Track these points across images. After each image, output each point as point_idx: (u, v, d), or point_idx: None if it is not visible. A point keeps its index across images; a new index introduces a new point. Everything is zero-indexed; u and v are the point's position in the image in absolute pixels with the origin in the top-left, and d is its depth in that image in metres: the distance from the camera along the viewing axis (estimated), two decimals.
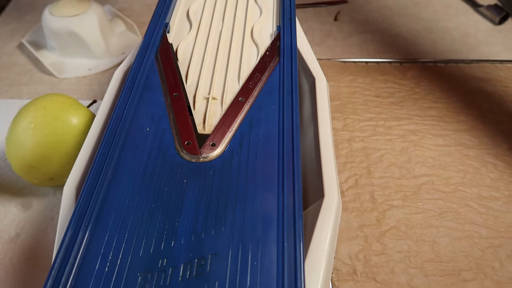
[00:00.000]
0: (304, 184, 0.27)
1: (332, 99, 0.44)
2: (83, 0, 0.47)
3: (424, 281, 0.30)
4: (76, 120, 0.31)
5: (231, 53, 0.33)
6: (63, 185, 0.25)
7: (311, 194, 0.26)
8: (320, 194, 0.24)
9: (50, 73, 0.48)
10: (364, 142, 0.40)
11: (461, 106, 0.43)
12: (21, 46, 0.52)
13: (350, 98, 0.44)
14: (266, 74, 0.30)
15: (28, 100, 0.36)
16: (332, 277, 0.30)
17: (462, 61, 0.49)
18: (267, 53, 0.32)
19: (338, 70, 0.47)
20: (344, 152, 0.38)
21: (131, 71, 0.30)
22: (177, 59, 0.32)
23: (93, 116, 0.33)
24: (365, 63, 0.49)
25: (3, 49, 0.52)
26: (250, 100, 0.28)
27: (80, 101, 0.34)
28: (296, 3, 0.59)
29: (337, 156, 0.38)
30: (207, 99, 0.29)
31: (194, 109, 0.28)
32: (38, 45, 0.51)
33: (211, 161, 0.24)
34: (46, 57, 0.49)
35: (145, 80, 0.29)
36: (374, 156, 0.38)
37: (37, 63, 0.49)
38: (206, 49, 0.34)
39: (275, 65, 0.30)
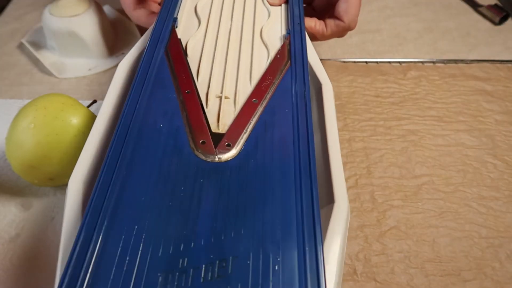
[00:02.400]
0: None
1: None
2: (83, 0, 0.47)
3: (424, 281, 0.30)
4: (76, 120, 0.31)
5: (241, 52, 0.33)
6: (63, 185, 0.25)
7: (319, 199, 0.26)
8: (329, 200, 0.24)
9: (50, 73, 0.48)
10: (364, 142, 0.40)
11: (461, 106, 0.43)
12: (21, 46, 0.52)
13: (350, 98, 0.44)
14: (278, 77, 0.30)
15: (28, 100, 0.36)
16: None
17: (462, 61, 0.49)
18: (278, 56, 0.32)
19: (338, 70, 0.47)
20: (344, 152, 0.38)
21: (141, 66, 0.29)
22: (186, 55, 0.32)
23: (93, 116, 0.33)
24: (365, 63, 0.49)
25: (3, 49, 0.52)
26: (264, 102, 0.27)
27: (80, 101, 0.34)
28: None
29: None
30: (220, 97, 0.29)
31: (207, 107, 0.28)
32: (38, 45, 0.51)
33: (227, 162, 0.23)
34: (46, 57, 0.49)
35: (155, 76, 0.28)
36: (374, 156, 0.38)
37: (37, 63, 0.49)
38: (216, 47, 0.33)
39: (287, 69, 0.30)
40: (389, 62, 0.49)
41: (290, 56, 0.32)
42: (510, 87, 0.45)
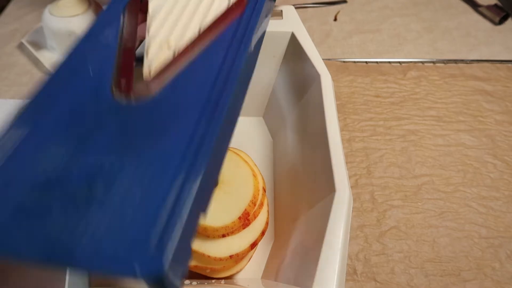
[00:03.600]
0: (313, 180, 0.28)
1: None
2: (83, 0, 0.47)
3: (424, 281, 0.30)
4: None
5: (203, 1, 0.33)
6: None
7: (320, 190, 0.26)
8: (330, 189, 0.24)
9: None
10: (364, 142, 0.40)
11: (461, 106, 0.43)
12: (21, 46, 0.52)
13: (350, 98, 0.44)
14: (225, 25, 0.30)
15: None
16: None
17: (462, 61, 0.49)
18: (234, 5, 0.32)
19: (338, 70, 0.47)
20: (344, 152, 0.38)
21: (96, 18, 0.30)
22: (147, 9, 0.32)
23: None
24: (365, 63, 0.49)
25: (3, 49, 0.53)
26: (199, 50, 0.28)
27: None
28: (296, 3, 0.59)
29: None
30: (162, 47, 0.29)
31: (147, 56, 0.28)
32: (38, 45, 0.51)
33: (138, 105, 0.24)
34: (46, 57, 0.49)
35: (104, 29, 0.29)
36: (374, 156, 0.38)
37: (37, 63, 0.49)
38: None
39: (237, 17, 0.30)
40: (389, 62, 0.49)
41: (246, 5, 0.31)
42: (510, 87, 0.45)
